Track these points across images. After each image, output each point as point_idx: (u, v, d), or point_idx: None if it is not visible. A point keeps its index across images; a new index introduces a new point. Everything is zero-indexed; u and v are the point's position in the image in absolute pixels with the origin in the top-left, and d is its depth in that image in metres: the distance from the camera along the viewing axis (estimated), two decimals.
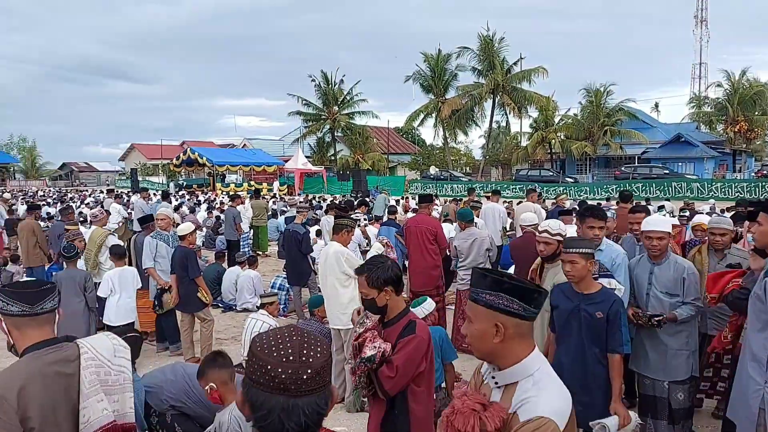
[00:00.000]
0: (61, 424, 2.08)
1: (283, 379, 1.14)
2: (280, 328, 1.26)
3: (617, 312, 3.07)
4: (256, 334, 1.27)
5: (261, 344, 1.20)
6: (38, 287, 2.26)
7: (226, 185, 31.85)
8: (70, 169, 66.93)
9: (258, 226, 13.09)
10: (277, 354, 1.16)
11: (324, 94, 41.58)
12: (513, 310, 1.56)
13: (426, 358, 2.57)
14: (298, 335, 1.22)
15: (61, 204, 20.19)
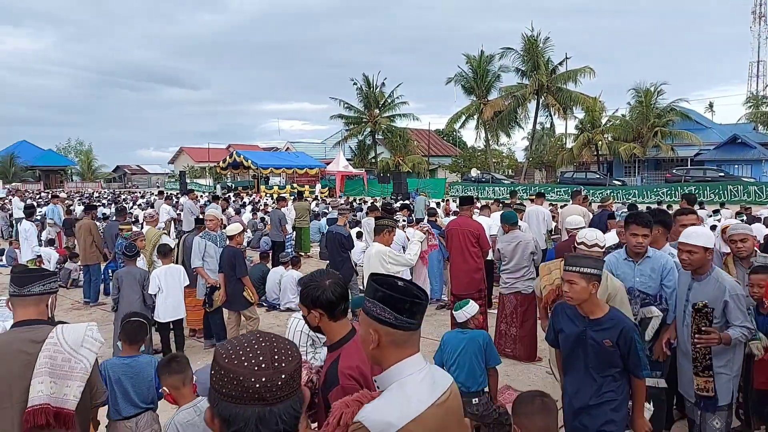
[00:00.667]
0: (13, 395, 2.29)
1: (258, 389, 1.09)
2: (244, 336, 1.18)
3: (630, 339, 2.79)
4: (219, 344, 1.20)
5: (227, 355, 1.13)
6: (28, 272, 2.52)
7: (270, 187, 32.54)
8: (123, 172, 69.96)
9: (301, 227, 13.31)
10: (248, 363, 1.11)
11: (365, 98, 41.91)
12: (384, 318, 1.56)
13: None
14: (266, 341, 1.16)
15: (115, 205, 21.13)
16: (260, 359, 1.11)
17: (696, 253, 3.22)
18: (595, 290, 2.79)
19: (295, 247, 13.04)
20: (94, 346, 2.48)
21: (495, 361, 4.35)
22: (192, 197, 13.34)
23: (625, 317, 2.92)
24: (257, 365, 1.10)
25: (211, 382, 1.14)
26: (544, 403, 2.23)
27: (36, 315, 2.45)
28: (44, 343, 2.37)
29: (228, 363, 1.11)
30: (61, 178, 56.29)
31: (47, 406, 2.31)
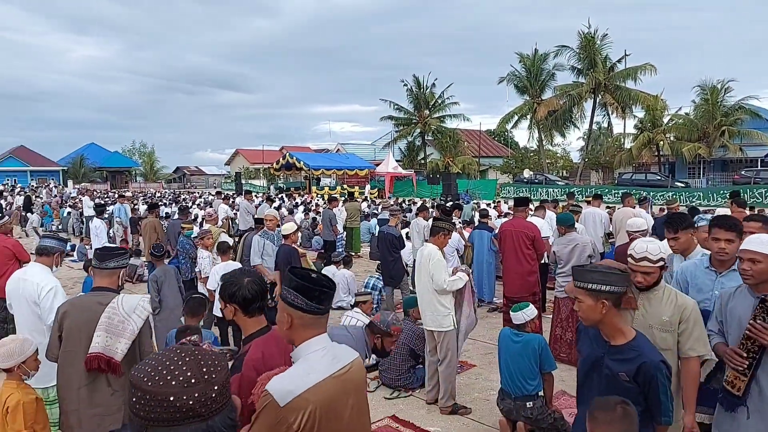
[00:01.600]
0: (83, 343, 3.04)
1: (192, 406, 1.03)
2: (161, 355, 1.11)
3: (651, 378, 2.34)
4: (134, 368, 1.11)
5: (149, 378, 1.04)
6: (107, 250, 3.35)
7: (321, 188, 33.11)
8: (182, 173, 73.06)
9: (351, 227, 13.48)
10: (176, 382, 1.04)
11: (415, 98, 41.90)
12: (297, 304, 1.82)
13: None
14: (189, 354, 1.10)
15: (176, 204, 22.12)
16: (188, 375, 1.05)
17: (760, 262, 2.71)
18: (606, 309, 2.37)
19: (346, 246, 13.22)
20: (143, 314, 3.13)
21: (550, 366, 4.27)
22: (248, 198, 13.79)
23: (650, 349, 2.43)
24: (186, 381, 1.04)
25: (133, 410, 1.05)
26: (624, 411, 2.10)
27: (108, 284, 3.24)
28: (107, 306, 3.07)
29: (153, 386, 1.03)
30: (126, 178, 59.45)
31: (101, 354, 2.99)
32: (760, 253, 2.70)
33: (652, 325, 2.75)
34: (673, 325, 2.72)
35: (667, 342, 2.72)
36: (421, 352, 5.25)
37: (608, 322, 2.42)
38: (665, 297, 2.79)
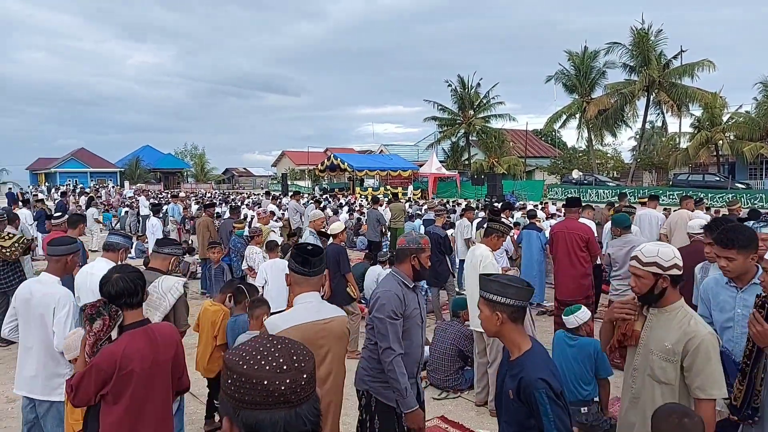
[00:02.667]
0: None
1: (283, 391, 1.06)
2: (255, 341, 1.15)
3: (529, 396, 2.07)
4: (229, 352, 1.14)
5: (244, 361, 1.08)
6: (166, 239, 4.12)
7: (365, 189, 33.34)
8: (231, 174, 75.17)
9: (396, 228, 13.49)
10: (270, 367, 1.07)
11: (460, 99, 41.54)
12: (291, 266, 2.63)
13: (98, 385, 2.33)
14: (280, 343, 1.13)
15: (225, 204, 22.80)
16: (281, 361, 1.08)
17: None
18: (501, 322, 2.18)
19: (390, 247, 13.24)
20: (176, 293, 3.58)
21: (606, 372, 4.15)
22: (296, 198, 14.08)
23: (533, 365, 2.13)
24: (279, 367, 1.07)
25: (227, 392, 1.09)
26: (681, 425, 1.99)
27: (159, 266, 3.80)
28: (150, 284, 3.41)
29: (248, 369, 1.07)
30: (178, 179, 61.71)
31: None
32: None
33: (652, 350, 2.34)
34: (675, 354, 2.26)
35: (666, 374, 2.28)
36: (469, 354, 5.20)
37: (505, 335, 2.24)
38: (676, 319, 2.31)
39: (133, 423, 2.40)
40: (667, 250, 2.35)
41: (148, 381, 2.41)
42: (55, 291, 3.39)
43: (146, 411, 2.43)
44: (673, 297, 2.33)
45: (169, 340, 2.55)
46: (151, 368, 2.42)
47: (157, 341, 2.48)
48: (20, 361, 3.46)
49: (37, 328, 3.36)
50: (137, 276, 2.52)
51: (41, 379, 3.35)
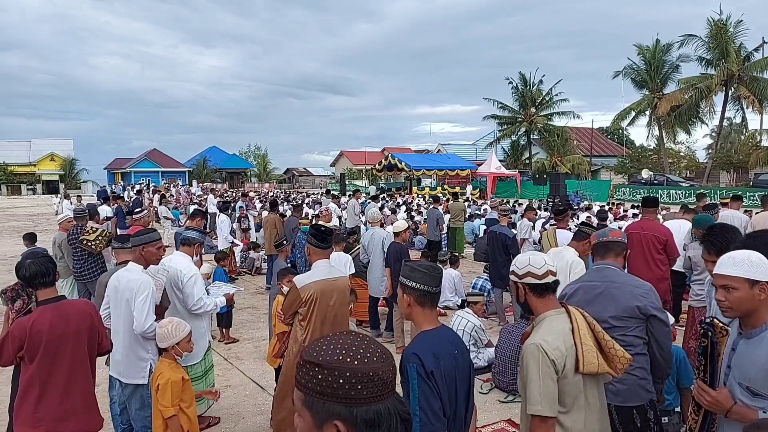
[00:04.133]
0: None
1: (391, 379, 1.06)
2: (335, 337, 1.11)
3: (404, 369, 2.06)
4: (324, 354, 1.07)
5: (351, 357, 1.04)
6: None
7: (422, 188, 33.22)
8: (291, 174, 77.15)
9: (455, 227, 13.35)
10: (375, 357, 1.06)
11: (521, 96, 40.59)
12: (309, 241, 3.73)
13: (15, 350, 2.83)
14: (357, 335, 1.12)
15: (287, 203, 23.41)
16: (378, 351, 1.08)
17: (735, 289, 2.06)
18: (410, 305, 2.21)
19: (449, 246, 13.11)
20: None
21: (689, 381, 3.90)
22: (356, 197, 14.25)
23: (417, 342, 2.12)
24: (381, 356, 1.07)
25: (336, 393, 1.03)
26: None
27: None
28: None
29: (359, 364, 1.04)
30: (242, 179, 63.98)
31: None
32: (734, 278, 2.06)
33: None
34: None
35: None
36: None
37: (414, 317, 2.23)
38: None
39: (44, 379, 2.87)
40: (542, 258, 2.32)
41: (58, 346, 2.87)
42: (137, 278, 3.61)
43: (55, 370, 2.89)
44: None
45: (83, 313, 2.99)
46: (61, 337, 2.87)
47: (68, 314, 2.92)
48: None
49: (123, 313, 3.58)
50: (48, 260, 2.95)
51: (126, 363, 3.57)
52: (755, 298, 2.02)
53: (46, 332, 2.82)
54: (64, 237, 7.46)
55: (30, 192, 54.62)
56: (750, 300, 2.03)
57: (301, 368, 1.09)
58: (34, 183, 56.29)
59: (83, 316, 2.99)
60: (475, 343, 5.81)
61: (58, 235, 7.68)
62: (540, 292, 2.32)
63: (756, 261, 2.04)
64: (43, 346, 2.82)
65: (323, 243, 3.68)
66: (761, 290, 2.02)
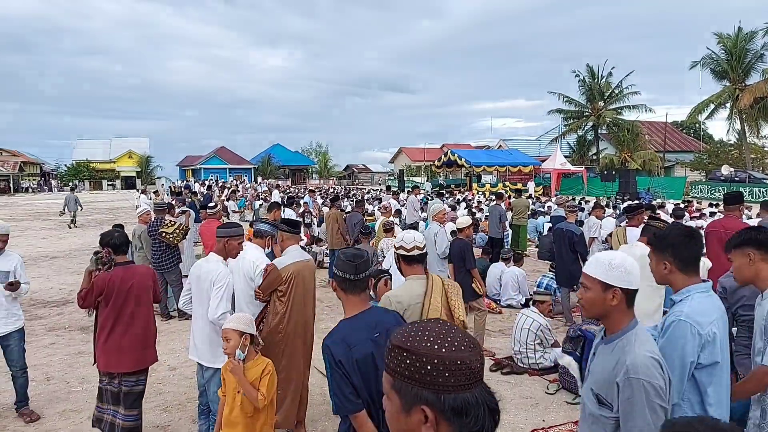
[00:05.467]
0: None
1: (479, 368, 1.06)
2: (425, 324, 1.12)
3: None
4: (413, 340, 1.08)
5: (439, 345, 1.05)
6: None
7: (482, 185, 32.71)
8: (351, 170, 78.16)
9: (518, 225, 13.06)
10: (464, 347, 1.06)
11: (588, 89, 39.06)
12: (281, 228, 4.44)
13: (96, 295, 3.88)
14: (447, 325, 1.12)
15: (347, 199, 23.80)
16: (466, 340, 1.08)
17: (588, 288, 2.01)
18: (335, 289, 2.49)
19: (511, 244, 12.85)
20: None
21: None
22: (415, 193, 14.25)
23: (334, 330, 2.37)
24: (469, 346, 1.07)
25: (424, 379, 1.04)
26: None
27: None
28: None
29: (446, 352, 1.04)
30: (304, 175, 65.60)
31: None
32: (589, 277, 2.00)
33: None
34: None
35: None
36: None
37: (342, 302, 2.46)
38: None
39: (113, 318, 3.91)
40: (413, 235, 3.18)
41: (125, 296, 3.93)
42: (216, 268, 3.80)
43: (122, 313, 3.93)
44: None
45: (144, 275, 4.11)
46: (128, 289, 3.93)
47: (134, 274, 4.02)
48: (192, 331, 3.92)
49: (203, 301, 3.79)
50: (125, 235, 4.20)
51: (206, 347, 3.77)
52: (606, 302, 1.96)
53: (118, 284, 3.88)
54: (143, 229, 7.97)
55: (110, 187, 58.55)
56: (601, 303, 1.97)
57: (390, 352, 1.11)
58: (113, 179, 60.27)
59: (144, 276, 4.07)
60: (540, 343, 5.69)
61: (137, 227, 8.22)
62: (408, 261, 3.08)
63: (617, 265, 1.95)
64: (115, 293, 3.87)
65: (294, 229, 4.36)
66: (614, 295, 1.94)
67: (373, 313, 2.43)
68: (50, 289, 9.75)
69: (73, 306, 8.59)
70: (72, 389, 5.31)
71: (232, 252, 3.95)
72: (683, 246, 2.29)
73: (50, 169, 66.38)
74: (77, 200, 20.87)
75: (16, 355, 4.66)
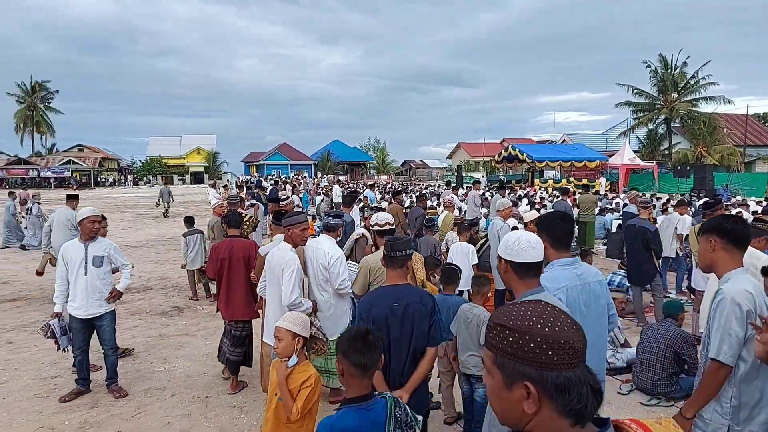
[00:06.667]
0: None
1: (582, 349, 1.07)
2: (526, 304, 1.14)
3: None
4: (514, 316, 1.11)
5: (542, 324, 1.07)
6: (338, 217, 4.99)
7: (544, 181, 31.81)
8: (409, 166, 78.31)
9: (585, 221, 12.63)
10: (566, 327, 1.07)
11: (661, 80, 36.98)
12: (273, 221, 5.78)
13: (215, 265, 5.30)
14: (549, 306, 1.12)
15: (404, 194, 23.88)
16: (569, 321, 1.09)
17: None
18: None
19: (577, 241, 12.44)
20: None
21: None
22: (476, 188, 14.10)
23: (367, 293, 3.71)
24: (572, 327, 1.08)
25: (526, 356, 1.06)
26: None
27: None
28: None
29: (549, 330, 1.06)
30: (361, 171, 66.33)
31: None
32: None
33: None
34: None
35: None
36: (689, 359, 4.64)
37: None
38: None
39: (225, 280, 5.15)
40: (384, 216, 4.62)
41: (231, 263, 5.15)
42: (284, 255, 4.00)
43: (229, 276, 5.14)
44: None
45: (246, 247, 5.23)
46: (232, 257, 5.13)
47: (239, 246, 5.20)
48: (266, 315, 4.12)
49: (275, 286, 3.97)
50: (237, 214, 5.71)
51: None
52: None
53: (226, 253, 5.14)
54: (217, 220, 8.37)
55: (180, 182, 61.70)
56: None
57: (491, 330, 1.14)
58: (183, 174, 63.47)
59: (246, 248, 5.20)
60: (612, 341, 5.51)
61: (212, 218, 8.66)
62: (380, 235, 4.59)
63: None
64: (227, 260, 5.13)
65: (280, 220, 4.68)
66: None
67: (402, 288, 2.96)
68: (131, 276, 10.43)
69: (153, 292, 9.17)
70: (155, 369, 5.68)
71: (296, 239, 4.11)
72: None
73: (126, 165, 70.82)
74: (170, 193, 24.20)
75: (108, 335, 5.04)
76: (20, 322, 7.44)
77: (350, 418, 2.13)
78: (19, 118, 60.33)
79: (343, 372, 2.22)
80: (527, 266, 2.27)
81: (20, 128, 60.49)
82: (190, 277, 8.68)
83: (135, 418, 4.56)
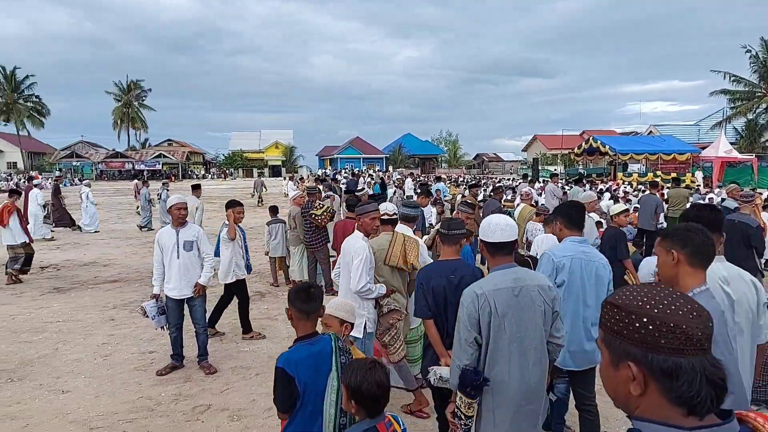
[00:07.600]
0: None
1: (700, 337, 1.02)
2: (644, 285, 1.11)
3: None
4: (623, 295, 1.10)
5: (652, 305, 1.05)
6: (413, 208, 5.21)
7: (628, 174, 30.12)
8: (481, 159, 76.93)
9: (674, 217, 11.83)
10: (683, 311, 1.03)
11: (762, 66, 33.85)
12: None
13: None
14: (669, 289, 1.09)
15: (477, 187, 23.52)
16: (688, 306, 1.04)
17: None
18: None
19: None
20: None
21: None
22: (554, 181, 13.62)
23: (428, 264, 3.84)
24: (691, 312, 1.03)
25: (632, 336, 1.05)
26: None
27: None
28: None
29: (660, 312, 1.03)
30: (433, 164, 66.03)
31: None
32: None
33: None
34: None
35: None
36: None
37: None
38: None
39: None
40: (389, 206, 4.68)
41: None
42: (355, 243, 4.15)
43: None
44: None
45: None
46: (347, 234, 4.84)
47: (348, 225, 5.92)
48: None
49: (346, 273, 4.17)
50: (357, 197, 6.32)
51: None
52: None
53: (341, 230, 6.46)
54: (297, 210, 8.68)
55: (259, 175, 64.53)
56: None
57: (603, 308, 1.15)
58: (262, 167, 66.30)
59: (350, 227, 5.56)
60: None
61: (292, 208, 8.98)
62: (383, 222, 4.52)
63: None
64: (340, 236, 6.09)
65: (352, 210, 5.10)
66: None
67: (456, 262, 3.35)
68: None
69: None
70: (241, 349, 6.01)
71: (366, 228, 4.20)
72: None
73: (210, 158, 75.01)
74: (263, 184, 28.05)
75: (199, 314, 5.40)
76: (120, 301, 8.13)
77: (300, 351, 2.53)
78: (116, 115, 65.71)
79: (291, 316, 2.62)
80: (498, 245, 2.62)
81: (117, 124, 65.91)
82: (271, 264, 9.07)
83: (224, 393, 4.86)
